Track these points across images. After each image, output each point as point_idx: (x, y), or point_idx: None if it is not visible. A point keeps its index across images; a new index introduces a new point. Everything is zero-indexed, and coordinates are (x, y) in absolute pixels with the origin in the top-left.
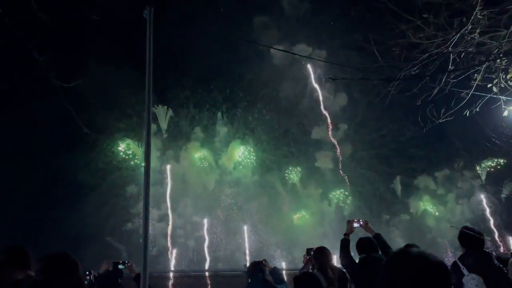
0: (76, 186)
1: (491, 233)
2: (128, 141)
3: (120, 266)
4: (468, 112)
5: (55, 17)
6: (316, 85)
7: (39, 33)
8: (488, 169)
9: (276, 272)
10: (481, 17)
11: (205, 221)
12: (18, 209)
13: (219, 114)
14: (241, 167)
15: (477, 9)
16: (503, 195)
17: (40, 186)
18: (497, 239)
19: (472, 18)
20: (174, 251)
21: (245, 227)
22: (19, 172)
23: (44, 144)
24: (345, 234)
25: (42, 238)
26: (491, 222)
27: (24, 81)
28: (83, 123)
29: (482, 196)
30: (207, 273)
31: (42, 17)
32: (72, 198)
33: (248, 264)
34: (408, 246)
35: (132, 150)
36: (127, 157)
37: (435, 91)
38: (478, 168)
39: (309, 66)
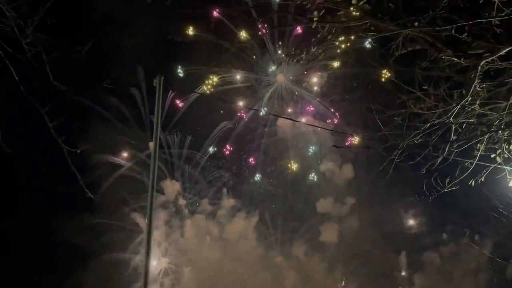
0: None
1: None
2: (135, 214)
3: None
4: (473, 182)
5: (70, 85)
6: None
7: (52, 100)
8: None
9: None
10: (480, 89)
11: None
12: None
13: (225, 190)
14: (245, 241)
15: (475, 81)
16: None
17: (39, 250)
18: None
19: (471, 90)
20: None
21: None
22: (22, 236)
23: (48, 207)
24: None
25: None
26: None
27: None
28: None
29: (489, 272)
30: None
31: (57, 86)
32: (70, 265)
33: None
34: None
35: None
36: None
37: (439, 160)
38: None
39: (314, 137)
